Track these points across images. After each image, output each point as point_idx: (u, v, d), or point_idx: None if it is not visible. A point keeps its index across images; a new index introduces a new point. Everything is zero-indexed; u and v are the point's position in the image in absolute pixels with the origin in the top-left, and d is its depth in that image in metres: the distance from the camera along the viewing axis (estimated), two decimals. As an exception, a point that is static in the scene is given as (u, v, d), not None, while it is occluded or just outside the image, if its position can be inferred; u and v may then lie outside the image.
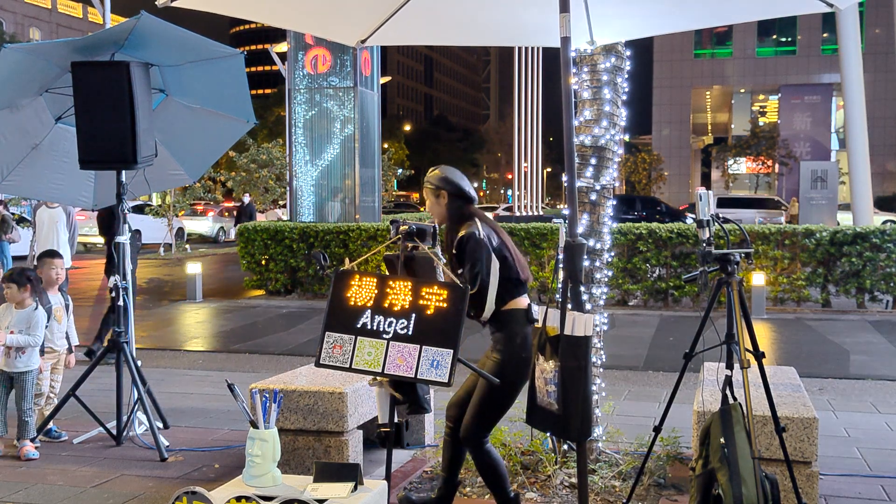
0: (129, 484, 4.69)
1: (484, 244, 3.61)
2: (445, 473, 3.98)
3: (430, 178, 3.82)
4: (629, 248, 12.41)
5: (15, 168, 5.88)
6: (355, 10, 4.58)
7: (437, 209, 3.80)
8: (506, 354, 3.68)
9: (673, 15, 4.75)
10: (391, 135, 60.96)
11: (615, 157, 4.89)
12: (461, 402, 3.86)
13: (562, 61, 3.65)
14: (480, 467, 3.78)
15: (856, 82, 17.95)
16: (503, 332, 3.70)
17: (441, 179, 3.79)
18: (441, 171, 3.84)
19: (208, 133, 6.24)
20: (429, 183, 3.80)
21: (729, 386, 3.69)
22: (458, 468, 3.98)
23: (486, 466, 3.76)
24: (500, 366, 3.68)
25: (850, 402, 6.76)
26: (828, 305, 12.30)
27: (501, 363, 3.68)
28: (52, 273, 5.55)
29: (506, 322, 3.70)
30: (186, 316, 12.49)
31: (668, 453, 4.73)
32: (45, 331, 5.46)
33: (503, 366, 3.68)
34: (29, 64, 5.40)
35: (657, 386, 7.41)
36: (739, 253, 3.77)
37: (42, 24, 66.95)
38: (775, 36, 50.08)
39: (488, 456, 3.76)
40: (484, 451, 3.75)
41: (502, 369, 3.66)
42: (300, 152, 16.35)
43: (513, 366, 3.67)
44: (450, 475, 3.97)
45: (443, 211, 3.79)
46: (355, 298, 3.42)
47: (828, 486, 4.58)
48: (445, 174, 3.82)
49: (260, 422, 3.17)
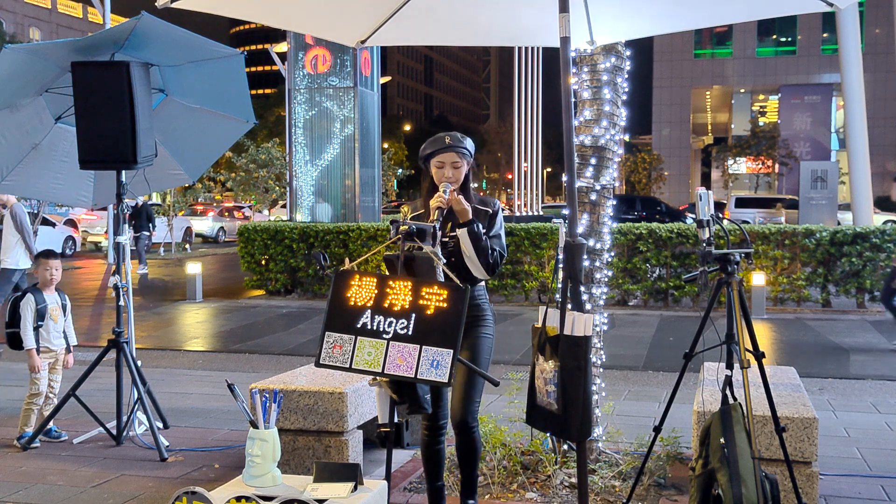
0: (129, 484, 4.69)
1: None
2: (439, 480, 3.90)
3: (465, 143, 3.75)
4: (629, 248, 12.41)
5: (15, 168, 5.89)
6: (355, 11, 4.58)
7: (460, 174, 3.74)
8: (493, 328, 3.84)
9: (673, 15, 4.74)
10: (391, 135, 60.94)
11: (615, 157, 4.89)
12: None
13: (562, 61, 3.65)
14: (477, 446, 3.78)
15: (856, 82, 17.95)
16: (486, 303, 3.81)
17: (471, 147, 3.78)
18: (467, 138, 3.82)
19: (208, 133, 6.24)
20: (464, 148, 3.72)
21: (729, 386, 3.69)
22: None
23: (478, 444, 3.80)
24: (491, 340, 3.80)
25: (850, 402, 6.76)
26: (828, 305, 12.30)
27: (492, 337, 3.81)
28: (47, 273, 5.55)
29: (484, 292, 3.83)
30: (186, 316, 12.50)
31: (668, 453, 4.73)
32: (41, 331, 5.47)
33: (492, 339, 3.81)
34: (29, 64, 5.39)
35: (657, 386, 7.42)
36: (739, 253, 3.77)
37: (42, 24, 66.96)
38: (775, 36, 50.09)
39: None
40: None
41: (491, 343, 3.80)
42: (300, 152, 16.35)
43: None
44: (441, 480, 3.92)
45: (461, 177, 3.75)
46: (355, 298, 3.41)
47: (828, 486, 4.58)
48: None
49: (260, 422, 3.17)
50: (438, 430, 3.81)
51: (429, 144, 3.78)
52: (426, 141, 3.82)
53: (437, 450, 3.82)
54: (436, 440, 3.81)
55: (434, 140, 3.78)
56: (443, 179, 3.69)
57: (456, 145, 3.71)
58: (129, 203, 15.40)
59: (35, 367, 5.42)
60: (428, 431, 3.81)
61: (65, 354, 5.67)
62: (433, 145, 3.75)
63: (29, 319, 5.40)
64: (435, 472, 3.84)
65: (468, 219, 3.63)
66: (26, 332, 5.39)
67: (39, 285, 5.55)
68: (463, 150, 3.72)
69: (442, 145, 3.71)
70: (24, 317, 5.40)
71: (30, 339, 5.40)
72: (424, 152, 3.78)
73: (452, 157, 3.70)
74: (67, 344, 5.68)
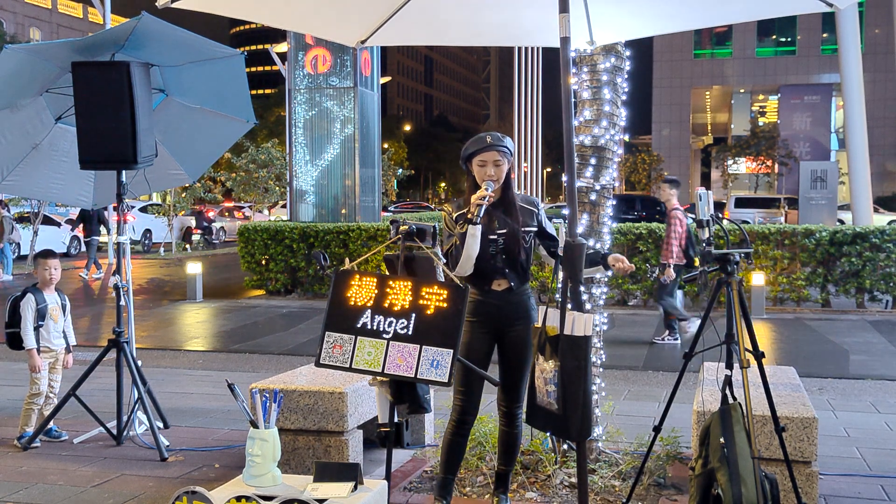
0: (129, 484, 4.70)
1: None
2: (453, 474, 3.99)
3: (506, 142, 3.82)
4: (629, 248, 12.41)
5: (15, 168, 5.89)
6: (355, 11, 4.58)
7: (501, 172, 3.80)
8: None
9: (673, 15, 4.75)
10: (391, 135, 60.94)
11: (615, 157, 4.89)
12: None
13: (562, 61, 3.65)
14: (519, 439, 4.02)
15: (855, 82, 17.95)
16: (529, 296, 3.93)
17: (511, 146, 3.85)
18: (507, 138, 3.88)
19: (208, 133, 6.24)
20: (505, 147, 3.80)
21: (729, 386, 3.69)
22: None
23: (521, 436, 4.03)
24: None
25: (849, 402, 6.76)
26: (827, 305, 12.30)
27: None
28: (46, 273, 5.55)
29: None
30: (186, 316, 12.50)
31: (667, 453, 4.73)
32: (41, 331, 5.47)
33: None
34: (29, 64, 5.40)
35: (657, 386, 7.42)
36: (739, 253, 3.77)
37: (42, 24, 66.95)
38: (775, 36, 50.09)
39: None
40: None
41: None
42: (300, 152, 16.35)
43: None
44: (455, 474, 4.01)
45: (503, 175, 3.82)
46: (355, 298, 3.42)
47: (827, 485, 4.58)
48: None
49: (260, 422, 3.17)
50: (466, 424, 3.89)
51: (470, 144, 3.84)
52: (468, 141, 3.87)
53: (459, 441, 3.91)
54: (460, 432, 3.90)
55: (475, 140, 3.84)
56: (485, 178, 3.74)
57: (497, 144, 3.77)
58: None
59: (35, 367, 5.43)
60: (456, 424, 3.89)
61: (64, 354, 5.67)
62: (475, 145, 3.81)
63: (29, 319, 5.40)
64: (452, 463, 3.94)
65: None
66: (27, 332, 5.40)
67: (39, 285, 5.56)
68: (504, 149, 3.78)
69: (484, 144, 3.77)
70: (24, 317, 5.40)
71: (30, 339, 5.41)
72: (466, 152, 3.84)
73: (494, 155, 3.76)
74: (67, 344, 5.69)
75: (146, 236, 26.63)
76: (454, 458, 3.93)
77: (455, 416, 3.88)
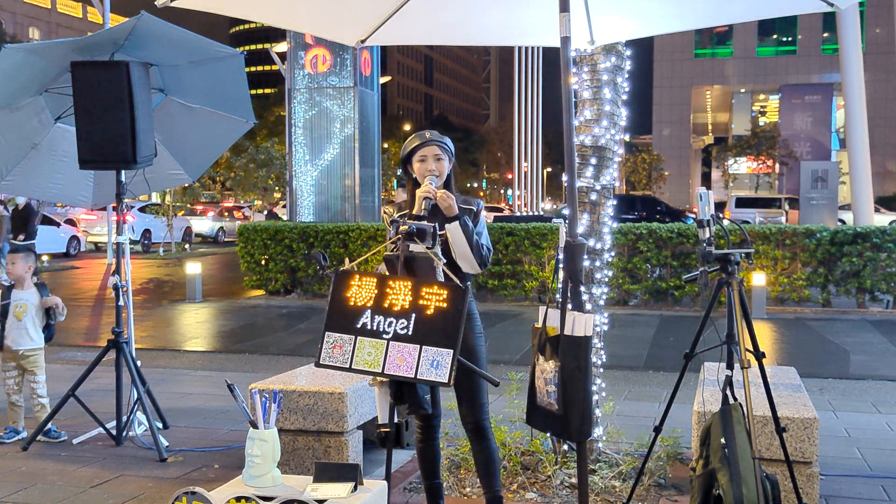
0: (129, 484, 4.69)
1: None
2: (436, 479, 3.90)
3: (445, 139, 3.75)
4: (629, 248, 12.41)
5: (14, 168, 5.88)
6: (355, 10, 4.57)
7: (443, 167, 3.72)
8: (481, 325, 3.82)
9: (673, 15, 4.74)
10: (391, 135, 60.94)
11: (615, 157, 4.88)
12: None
13: (562, 61, 3.64)
14: (494, 453, 3.75)
15: (856, 82, 17.94)
16: (472, 301, 3.74)
17: (450, 145, 3.79)
18: (445, 136, 3.82)
19: (208, 133, 6.23)
20: (444, 143, 3.73)
21: (729, 386, 3.69)
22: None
23: (495, 449, 3.76)
24: (483, 337, 3.77)
25: (850, 403, 6.75)
26: (828, 305, 12.30)
27: (483, 335, 3.78)
28: (9, 268, 5.56)
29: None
30: (186, 316, 12.49)
31: (668, 453, 4.72)
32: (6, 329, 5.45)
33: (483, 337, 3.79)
34: (29, 64, 5.39)
35: (657, 386, 7.41)
36: (740, 253, 3.77)
37: (42, 24, 66.98)
38: (776, 36, 50.11)
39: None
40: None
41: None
42: (300, 152, 16.35)
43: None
44: (438, 478, 3.92)
45: (444, 170, 3.73)
46: (355, 298, 3.41)
47: (828, 486, 4.58)
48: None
49: (260, 422, 3.16)
50: (430, 429, 3.83)
51: (409, 142, 3.78)
52: (405, 142, 3.82)
53: (429, 447, 3.85)
54: (428, 438, 3.84)
55: (413, 137, 3.78)
56: (426, 173, 3.67)
57: (436, 139, 3.73)
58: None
59: None
60: (420, 431, 3.83)
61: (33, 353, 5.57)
62: (414, 141, 3.76)
63: None
64: (430, 469, 3.87)
65: (455, 213, 3.59)
66: None
67: (15, 282, 5.58)
68: (444, 145, 3.73)
69: (423, 140, 3.73)
70: None
71: None
72: (405, 151, 3.77)
73: (434, 149, 3.70)
74: (50, 331, 5.63)
75: (145, 236, 26.66)
76: (429, 465, 3.86)
77: (419, 423, 3.82)
